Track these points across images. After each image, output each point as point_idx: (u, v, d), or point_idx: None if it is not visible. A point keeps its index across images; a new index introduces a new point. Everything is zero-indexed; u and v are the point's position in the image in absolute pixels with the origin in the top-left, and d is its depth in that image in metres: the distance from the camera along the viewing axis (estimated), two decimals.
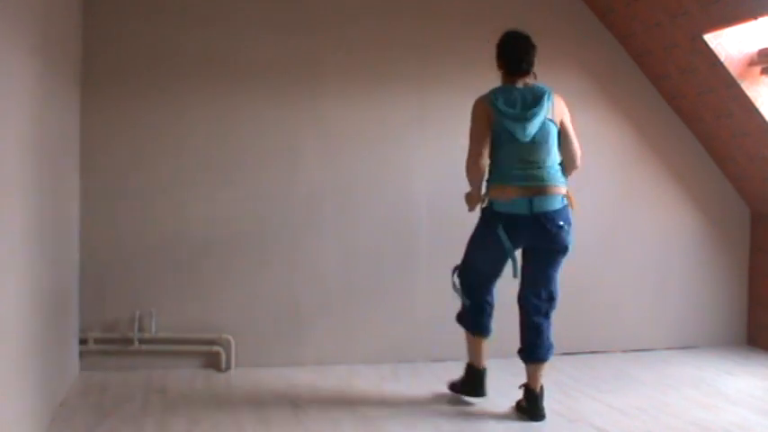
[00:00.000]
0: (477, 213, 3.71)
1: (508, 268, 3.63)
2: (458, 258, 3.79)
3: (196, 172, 4.29)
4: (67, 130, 3.77)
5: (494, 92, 3.64)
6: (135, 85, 4.21)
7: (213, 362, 4.31)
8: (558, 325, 4.73)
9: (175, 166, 4.27)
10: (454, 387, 3.88)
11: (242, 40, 4.31)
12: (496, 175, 3.62)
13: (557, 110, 3.61)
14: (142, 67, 4.22)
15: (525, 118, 3.53)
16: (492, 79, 4.62)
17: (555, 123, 3.60)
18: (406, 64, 4.50)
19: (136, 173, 4.23)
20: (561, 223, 3.56)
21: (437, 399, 3.85)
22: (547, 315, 3.68)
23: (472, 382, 3.84)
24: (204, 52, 4.28)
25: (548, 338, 3.69)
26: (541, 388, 3.67)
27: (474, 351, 3.84)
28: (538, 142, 3.55)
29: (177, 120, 4.27)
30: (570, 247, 3.61)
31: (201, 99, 4.28)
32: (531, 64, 3.65)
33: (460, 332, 3.89)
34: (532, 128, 3.53)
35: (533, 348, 3.66)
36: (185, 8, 4.27)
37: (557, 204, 3.56)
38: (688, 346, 4.96)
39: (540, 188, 3.54)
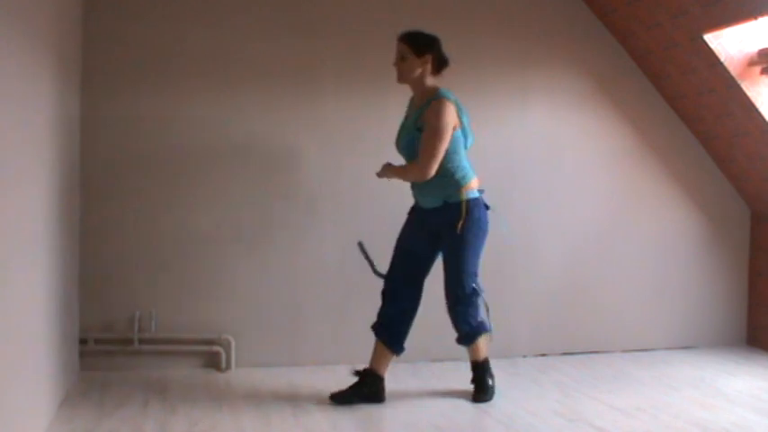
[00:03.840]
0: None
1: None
2: None
3: (196, 172, 4.29)
4: (67, 129, 3.77)
5: (453, 96, 3.69)
6: (134, 86, 4.20)
7: (213, 362, 4.31)
8: (558, 325, 4.77)
9: (175, 166, 4.27)
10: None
11: (243, 41, 4.31)
12: (468, 171, 3.75)
13: None
14: (142, 68, 4.21)
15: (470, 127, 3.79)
16: (493, 80, 4.62)
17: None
18: None
19: (135, 173, 4.23)
20: None
21: (437, 399, 3.85)
22: None
23: None
24: (205, 53, 4.27)
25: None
26: None
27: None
28: None
29: (177, 120, 4.27)
30: None
31: (202, 99, 4.28)
32: None
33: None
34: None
35: None
36: (186, 9, 4.26)
37: None
38: (688, 346, 4.96)
39: None
